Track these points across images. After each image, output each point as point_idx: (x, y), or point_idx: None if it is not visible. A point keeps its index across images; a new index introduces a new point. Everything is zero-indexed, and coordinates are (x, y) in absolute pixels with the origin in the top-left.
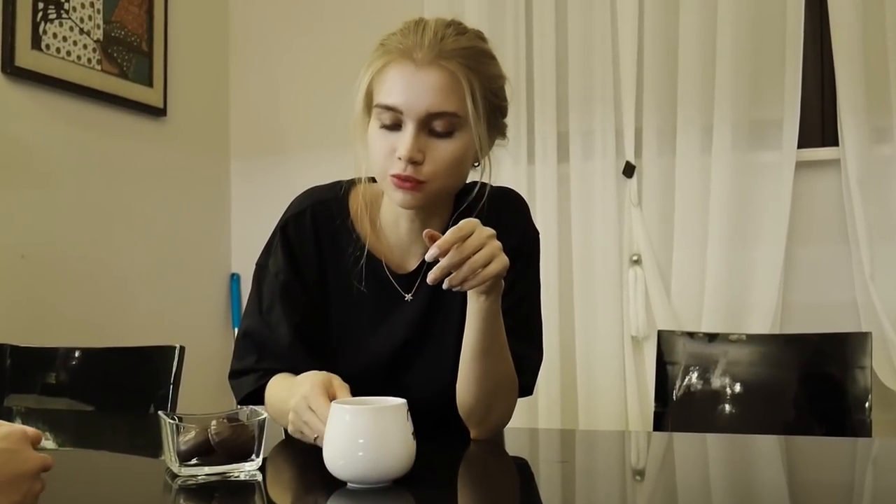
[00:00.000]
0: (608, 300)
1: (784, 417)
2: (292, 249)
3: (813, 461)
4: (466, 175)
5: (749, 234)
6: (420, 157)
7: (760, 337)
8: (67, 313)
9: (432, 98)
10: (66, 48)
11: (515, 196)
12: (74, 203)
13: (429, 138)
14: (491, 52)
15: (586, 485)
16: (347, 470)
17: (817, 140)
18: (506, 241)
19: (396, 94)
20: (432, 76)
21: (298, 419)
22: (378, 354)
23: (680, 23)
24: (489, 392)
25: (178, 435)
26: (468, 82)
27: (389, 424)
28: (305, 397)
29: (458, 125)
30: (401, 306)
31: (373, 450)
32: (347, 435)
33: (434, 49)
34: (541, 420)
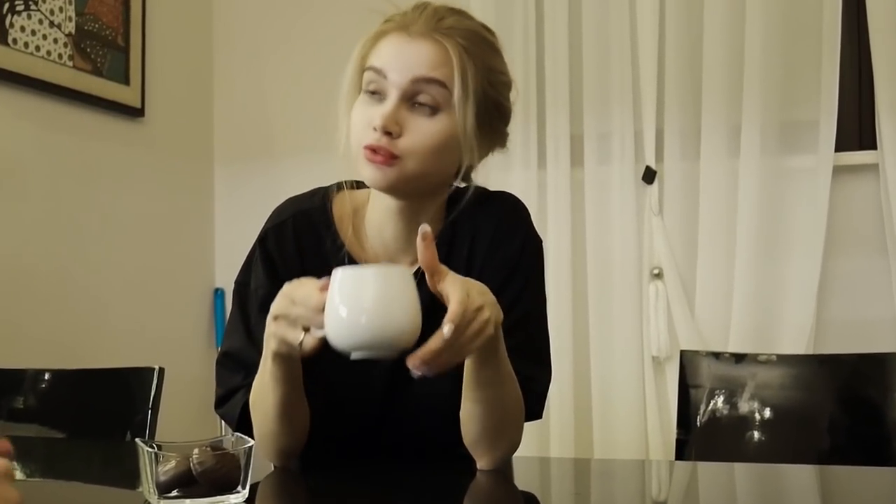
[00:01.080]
0: (626, 317)
1: (818, 445)
2: (273, 262)
3: (851, 493)
4: (448, 169)
5: (780, 245)
6: (397, 129)
7: (792, 357)
8: (36, 332)
9: (420, 65)
10: (35, 43)
11: (514, 201)
12: (43, 211)
13: (410, 113)
14: (496, 46)
15: None
16: (351, 337)
17: (854, 143)
18: (505, 249)
19: (384, 57)
20: (424, 46)
21: (281, 322)
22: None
23: (705, 15)
24: (495, 422)
25: (157, 464)
26: (460, 59)
27: (395, 287)
28: (285, 295)
29: (444, 104)
30: None
31: (378, 313)
32: (351, 298)
33: (430, 24)
34: (553, 448)
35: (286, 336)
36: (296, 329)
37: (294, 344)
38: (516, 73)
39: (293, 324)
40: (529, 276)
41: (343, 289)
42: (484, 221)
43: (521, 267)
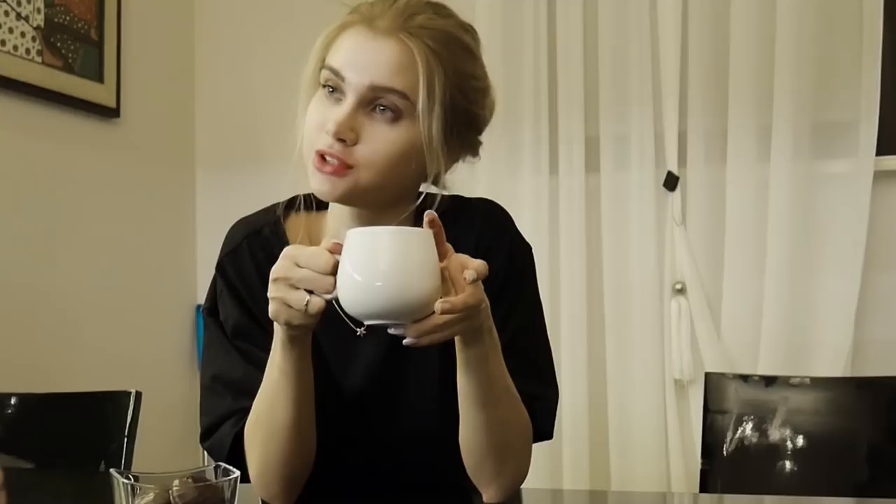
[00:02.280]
0: (646, 337)
1: (857, 476)
2: (236, 290)
3: None
4: (409, 180)
5: (815, 257)
6: (352, 137)
7: (828, 381)
8: (2, 352)
9: (380, 71)
10: (1, 37)
11: (493, 208)
12: (10, 220)
13: (369, 119)
14: (471, 48)
15: None
16: (366, 303)
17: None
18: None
19: (342, 57)
20: (386, 47)
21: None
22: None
23: (731, 7)
24: (497, 446)
25: (134, 497)
26: (426, 65)
27: (414, 251)
28: (287, 257)
29: (406, 112)
30: (354, 344)
31: (395, 279)
32: (366, 262)
33: (398, 20)
34: (566, 479)
35: (288, 298)
36: (299, 292)
37: (298, 307)
38: (525, 72)
39: (296, 286)
40: (521, 288)
41: (358, 251)
42: (463, 233)
43: (510, 281)
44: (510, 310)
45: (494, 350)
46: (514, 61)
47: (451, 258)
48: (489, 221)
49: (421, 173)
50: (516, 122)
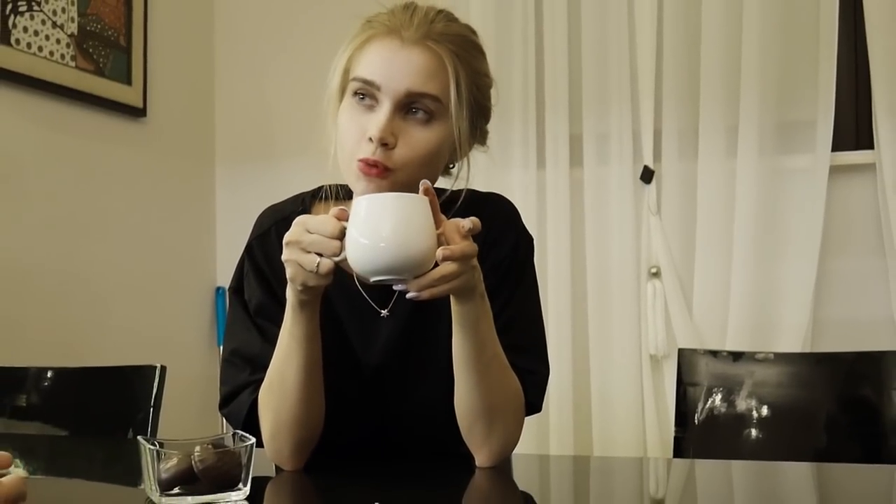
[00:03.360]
0: (624, 316)
1: (815, 443)
2: (262, 271)
3: (847, 491)
4: (439, 172)
5: (778, 244)
6: (392, 140)
7: (790, 356)
8: (39, 330)
9: (414, 77)
10: (38, 43)
11: (503, 201)
12: (47, 210)
13: (404, 122)
14: (481, 48)
15: None
16: (372, 262)
17: (851, 143)
18: (497, 251)
19: (376, 68)
20: (417, 55)
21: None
22: (358, 376)
23: (702, 16)
24: (487, 408)
25: (159, 462)
26: (454, 69)
27: (414, 214)
28: (299, 223)
29: (438, 113)
30: (377, 324)
31: (397, 240)
32: (372, 225)
33: (422, 29)
34: (552, 446)
35: (301, 260)
36: (310, 255)
37: (310, 269)
38: (515, 73)
39: (307, 249)
40: (523, 275)
41: (364, 216)
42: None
43: (514, 267)
44: (511, 293)
45: (486, 316)
46: (504, 66)
47: (445, 223)
48: (499, 213)
49: (444, 165)
50: (507, 121)
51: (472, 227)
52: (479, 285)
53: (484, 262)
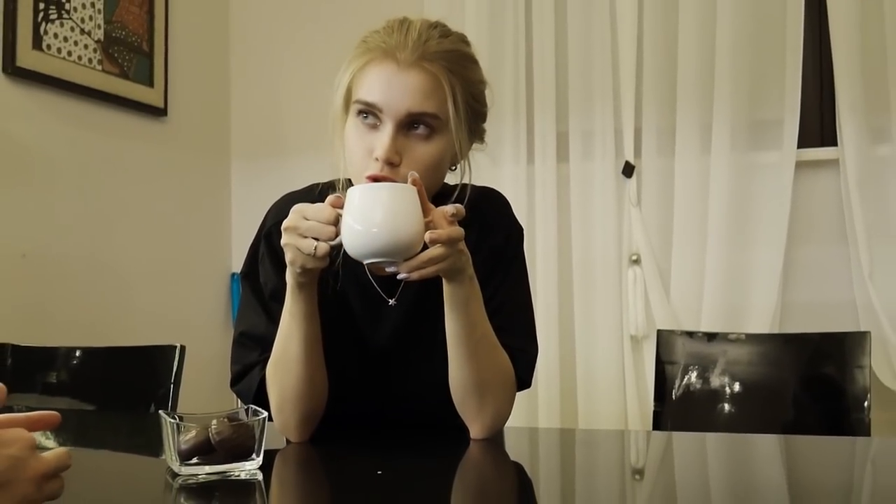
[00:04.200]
0: (607, 300)
1: (783, 417)
2: (278, 257)
3: (812, 460)
4: (443, 178)
5: (748, 234)
6: (397, 159)
7: (759, 336)
8: (68, 313)
9: (413, 99)
10: (67, 48)
11: (497, 195)
12: (75, 203)
13: (407, 139)
14: (474, 57)
15: (586, 484)
16: (365, 246)
17: (816, 140)
18: (491, 239)
19: (377, 92)
20: (414, 77)
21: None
22: (363, 358)
23: (679, 22)
24: (478, 383)
25: (179, 434)
26: (450, 85)
27: (403, 203)
28: (296, 211)
29: (438, 127)
30: (385, 311)
31: (388, 226)
32: (365, 213)
33: (417, 50)
34: (540, 419)
35: (299, 245)
36: (307, 240)
37: (308, 252)
38: (507, 77)
39: (304, 234)
40: (514, 262)
41: (358, 204)
42: (471, 215)
43: (506, 255)
44: (503, 279)
45: (475, 297)
46: (496, 70)
47: (433, 211)
48: (493, 206)
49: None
50: (499, 120)
51: (455, 212)
52: (468, 268)
53: (479, 251)
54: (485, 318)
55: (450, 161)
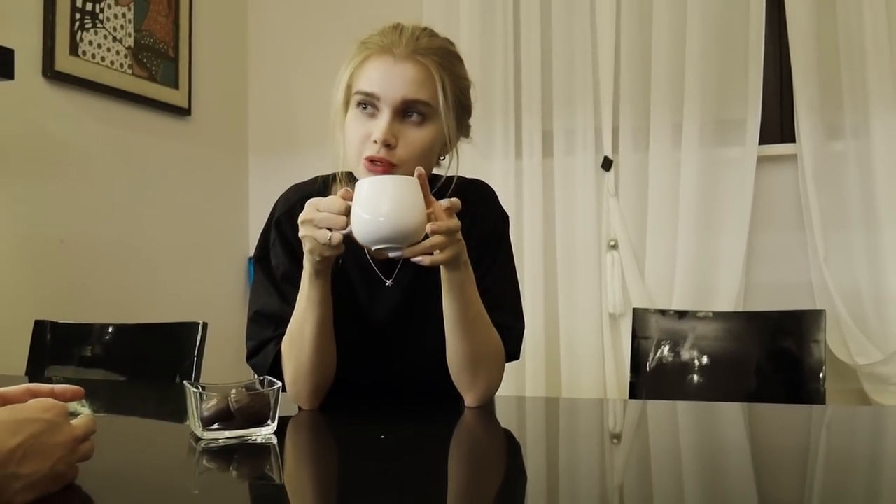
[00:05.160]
0: (588, 281)
1: (746, 387)
2: (289, 242)
3: (772, 426)
4: (433, 165)
5: (715, 222)
6: (393, 141)
7: (725, 314)
8: (102, 293)
9: (408, 87)
10: (101, 54)
11: (485, 186)
12: (108, 194)
13: (402, 125)
14: (460, 56)
15: (568, 447)
16: (372, 233)
17: (776, 137)
18: (480, 226)
19: (375, 82)
20: (409, 68)
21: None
22: (365, 333)
23: (653, 30)
24: (472, 357)
25: (202, 402)
26: (440, 77)
27: (407, 193)
28: (311, 204)
29: (430, 115)
30: (382, 291)
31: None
32: (372, 204)
33: (411, 46)
34: (528, 389)
35: (315, 235)
36: (322, 230)
37: (323, 241)
38: (497, 80)
39: (319, 225)
40: (501, 247)
41: (366, 195)
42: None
43: (493, 241)
44: (492, 262)
45: (470, 281)
46: (488, 73)
47: (434, 204)
48: (481, 196)
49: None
50: (490, 118)
51: (451, 206)
52: (464, 255)
53: (470, 236)
54: (478, 299)
55: (439, 150)
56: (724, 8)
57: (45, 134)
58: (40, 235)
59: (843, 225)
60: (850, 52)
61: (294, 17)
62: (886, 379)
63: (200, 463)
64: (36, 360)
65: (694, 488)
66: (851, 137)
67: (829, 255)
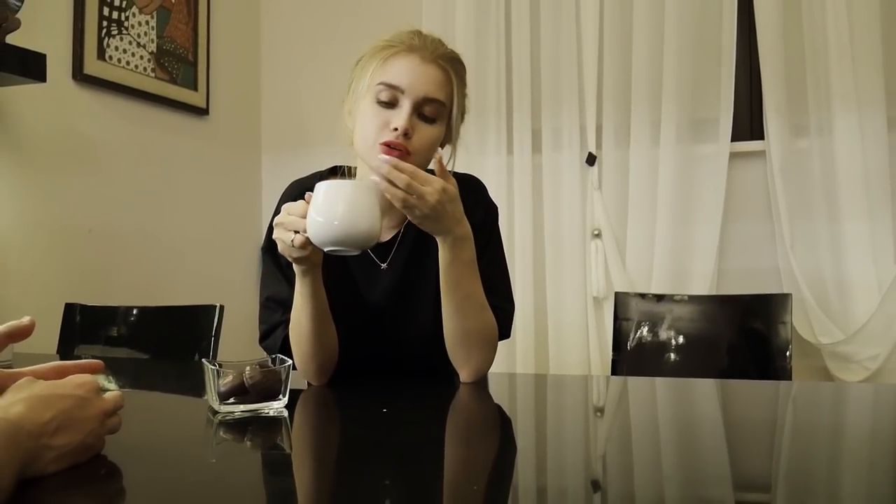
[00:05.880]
0: (574, 267)
1: (719, 364)
2: None
3: (743, 400)
4: (431, 160)
5: (690, 212)
6: (412, 132)
7: (700, 298)
8: (127, 278)
9: (430, 86)
10: (126, 59)
11: (476, 180)
12: (132, 187)
13: (417, 120)
14: (465, 66)
15: (555, 420)
16: (325, 235)
17: (746, 135)
18: (472, 217)
19: (403, 76)
20: (433, 70)
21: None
22: (362, 315)
23: (633, 37)
24: (464, 334)
25: (218, 379)
26: (455, 84)
27: (362, 198)
28: (284, 208)
29: (441, 115)
30: (378, 273)
31: (346, 219)
32: (326, 207)
33: (436, 52)
34: (518, 366)
35: (283, 237)
36: (288, 232)
37: (288, 243)
38: (490, 82)
39: (287, 228)
40: (491, 235)
41: (322, 199)
42: None
43: (484, 230)
44: (483, 250)
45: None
46: (481, 76)
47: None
48: (473, 189)
49: None
50: (483, 118)
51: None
52: (449, 236)
53: None
54: (470, 282)
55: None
56: (699, 16)
57: (74, 132)
58: (70, 225)
59: (807, 216)
60: (815, 57)
61: (303, 25)
62: (848, 357)
63: (217, 434)
64: (66, 340)
65: (671, 457)
66: (816, 136)
67: (795, 244)
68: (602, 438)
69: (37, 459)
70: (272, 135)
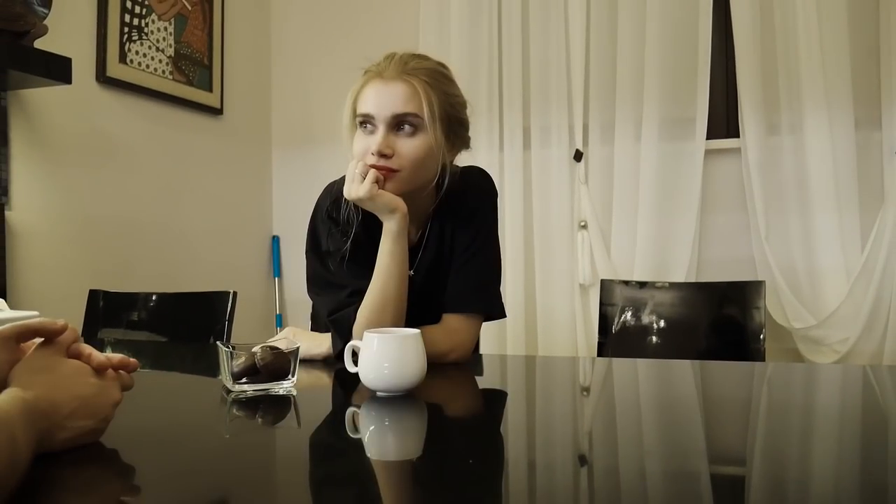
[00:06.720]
0: (562, 256)
1: (697, 347)
2: (341, 225)
3: (720, 380)
4: (433, 172)
5: (670, 205)
6: (389, 152)
7: (680, 284)
8: (146, 266)
9: (395, 103)
10: (146, 62)
11: (479, 171)
12: (152, 182)
13: (397, 137)
14: (450, 77)
15: (544, 399)
16: (376, 383)
17: (723, 132)
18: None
19: (370, 104)
20: (396, 87)
21: None
22: None
23: (617, 42)
24: None
25: (232, 360)
26: (425, 93)
27: (408, 348)
28: None
29: (420, 126)
30: None
31: (394, 369)
32: (377, 355)
33: (398, 68)
34: (509, 348)
35: None
36: None
37: None
38: (482, 83)
39: None
40: (488, 220)
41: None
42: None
43: (481, 214)
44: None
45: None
46: (475, 78)
47: None
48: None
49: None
50: (477, 117)
51: None
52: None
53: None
54: None
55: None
56: (678, 21)
57: (98, 131)
58: (94, 217)
59: (780, 208)
60: (788, 60)
61: (311, 31)
62: (818, 340)
63: (231, 411)
64: (90, 324)
65: (652, 433)
66: (788, 133)
67: (769, 234)
68: (588, 416)
69: (51, 436)
70: (282, 132)
